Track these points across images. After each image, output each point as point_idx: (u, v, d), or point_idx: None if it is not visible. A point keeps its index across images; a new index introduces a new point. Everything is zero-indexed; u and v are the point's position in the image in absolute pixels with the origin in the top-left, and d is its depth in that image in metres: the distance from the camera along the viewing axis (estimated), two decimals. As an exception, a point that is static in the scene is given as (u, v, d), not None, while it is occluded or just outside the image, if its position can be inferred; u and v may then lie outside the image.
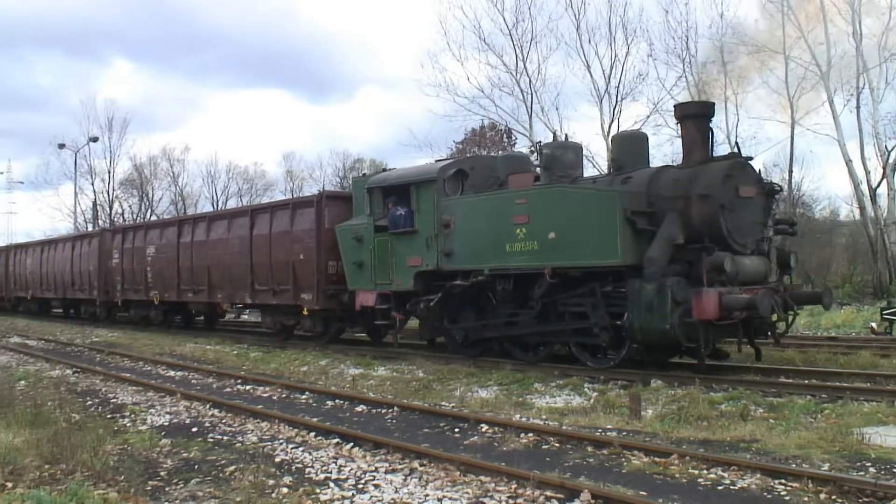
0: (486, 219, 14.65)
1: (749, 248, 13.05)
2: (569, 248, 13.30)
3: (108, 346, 21.75)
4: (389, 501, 6.76)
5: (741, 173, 13.04)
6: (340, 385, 13.85)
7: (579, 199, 13.38)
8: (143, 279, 27.17)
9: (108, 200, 60.50)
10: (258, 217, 21.83)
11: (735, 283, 12.39)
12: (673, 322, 11.87)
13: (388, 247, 16.44)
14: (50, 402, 11.40)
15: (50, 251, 35.78)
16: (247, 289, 21.65)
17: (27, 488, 7.14)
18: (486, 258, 14.58)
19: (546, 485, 6.87)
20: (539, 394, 12.21)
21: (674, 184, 13.04)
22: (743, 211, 12.81)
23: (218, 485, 7.45)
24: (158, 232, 27.08)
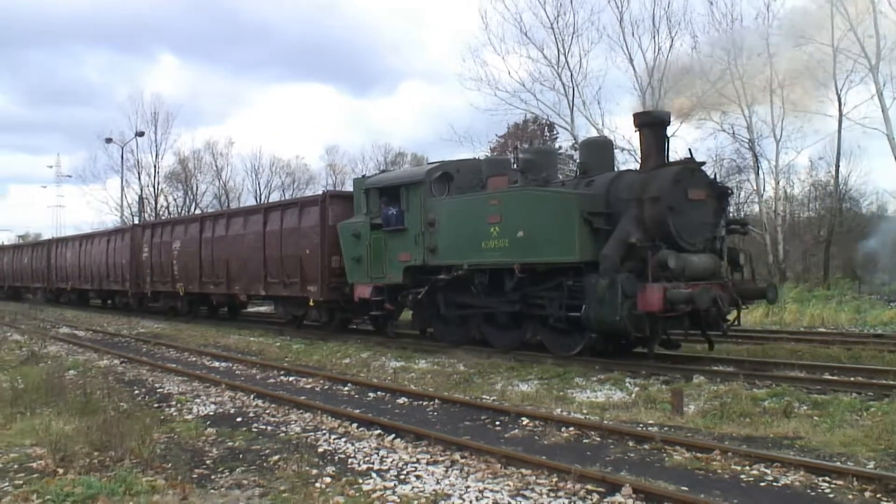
0: (465, 218, 15.80)
1: (698, 246, 13.86)
2: (535, 246, 14.34)
3: (154, 338, 22.10)
4: (431, 492, 6.82)
5: (691, 178, 13.86)
6: (382, 377, 13.95)
7: (543, 201, 14.41)
8: (169, 272, 28.52)
9: (154, 194, 61.34)
10: (270, 214, 23.09)
11: (682, 278, 13.21)
12: (622, 314, 12.86)
13: (382, 243, 17.73)
14: (99, 391, 11.61)
15: (87, 245, 37.50)
16: (261, 281, 22.88)
17: (78, 474, 7.33)
18: (465, 254, 15.76)
19: (587, 478, 6.90)
20: (580, 388, 12.19)
21: (630, 187, 13.92)
22: (692, 212, 13.70)
23: (262, 474, 7.58)
24: (183, 228, 28.46)
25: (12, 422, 9.89)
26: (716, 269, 14.23)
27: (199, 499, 6.75)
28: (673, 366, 13.42)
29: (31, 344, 19.86)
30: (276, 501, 6.62)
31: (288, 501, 6.56)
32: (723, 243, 14.55)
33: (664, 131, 14.62)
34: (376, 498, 6.73)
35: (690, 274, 13.46)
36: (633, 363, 13.69)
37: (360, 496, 6.78)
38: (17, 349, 19.28)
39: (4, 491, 6.92)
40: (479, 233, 15.26)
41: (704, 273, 13.82)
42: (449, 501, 6.59)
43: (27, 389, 11.67)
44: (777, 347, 15.31)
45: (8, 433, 9.36)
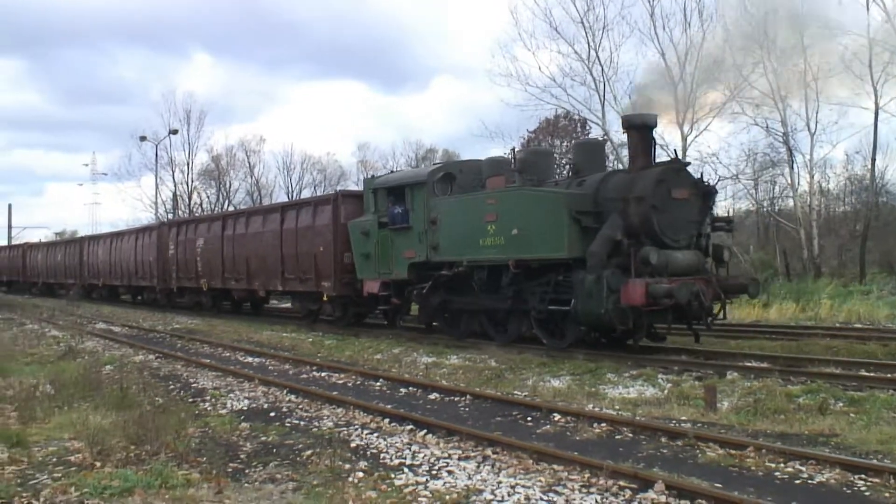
0: (464, 217, 16.55)
1: (682, 243, 14.39)
2: (527, 243, 15.01)
3: (188, 333, 22.32)
4: (463, 488, 6.84)
5: (675, 178, 14.41)
6: (413, 373, 14.00)
7: (535, 200, 15.08)
8: (193, 268, 29.74)
9: (188, 191, 61.92)
10: (287, 213, 24.14)
11: (665, 273, 13.72)
12: (607, 307, 13.52)
13: (389, 241, 18.64)
14: (134, 386, 11.77)
15: (118, 242, 38.77)
16: (278, 277, 23.89)
17: (115, 467, 7.44)
18: (464, 251, 16.51)
19: (619, 474, 6.88)
20: (612, 384, 12.15)
21: (617, 187, 14.52)
22: (675, 211, 14.22)
23: (295, 468, 7.64)
24: (206, 226, 29.66)
25: (51, 416, 10.04)
26: (700, 265, 14.69)
27: (234, 492, 6.82)
28: (706, 362, 13.36)
29: (68, 339, 20.16)
30: (309, 496, 6.67)
31: (321, 496, 6.60)
32: (708, 240, 15.07)
33: (651, 133, 15.26)
34: (408, 493, 6.76)
35: (674, 269, 13.95)
36: (665, 359, 13.64)
37: (393, 491, 6.82)
38: (55, 345, 19.60)
39: (44, 483, 7.04)
40: (477, 231, 16.00)
41: (688, 269, 14.31)
42: (481, 497, 6.60)
43: (65, 384, 11.85)
44: (812, 343, 15.14)
45: (47, 427, 9.51)
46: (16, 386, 12.17)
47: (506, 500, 6.51)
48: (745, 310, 23.03)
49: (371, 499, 6.54)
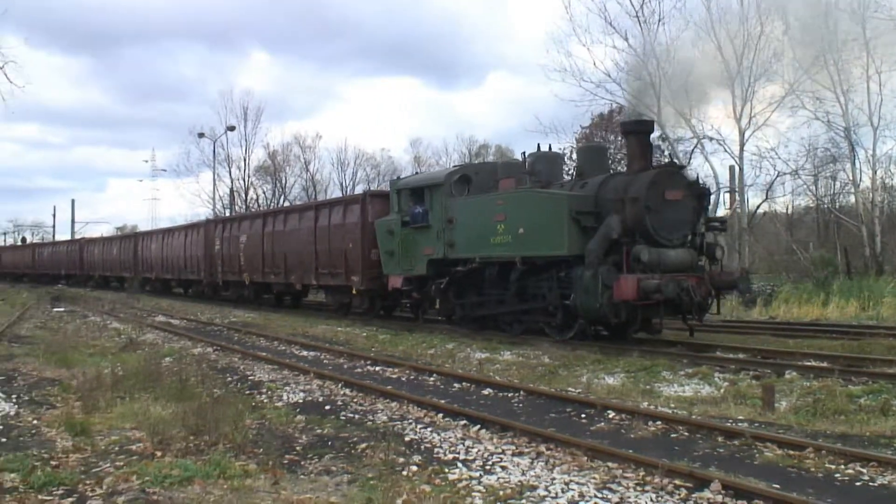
0: (477, 216, 17.66)
1: (676, 242, 15.19)
2: (532, 242, 16.11)
3: (245, 326, 22.65)
4: (516, 483, 6.85)
5: (669, 180, 15.26)
6: (467, 368, 14.03)
7: (539, 201, 16.19)
8: (237, 263, 31.46)
9: (244, 187, 62.72)
10: (321, 211, 25.75)
11: (657, 270, 14.56)
12: (602, 302, 14.55)
13: (410, 239, 19.80)
14: (193, 378, 11.95)
15: (168, 238, 40.71)
16: (313, 272, 25.38)
17: (175, 457, 7.59)
18: (476, 249, 17.62)
19: (675, 473, 6.83)
20: (667, 382, 12.05)
21: (614, 189, 15.40)
22: (669, 211, 15.05)
23: (350, 461, 7.72)
24: (249, 223, 31.48)
25: (113, 406, 10.26)
26: (693, 263, 15.47)
27: (290, 483, 6.91)
28: (764, 360, 13.18)
29: (129, 331, 20.59)
30: (364, 488, 6.73)
31: (376, 489, 6.65)
32: (702, 239, 15.92)
33: (647, 138, 16.20)
34: (462, 487, 6.79)
35: (666, 267, 14.78)
36: (722, 357, 13.49)
37: (446, 485, 6.85)
38: (116, 336, 20.04)
39: (106, 471, 7.21)
40: (488, 229, 17.09)
41: (680, 266, 15.08)
42: (535, 493, 6.60)
43: (126, 375, 12.11)
44: (874, 343, 14.83)
45: (110, 416, 9.73)
46: (79, 376, 12.47)
47: (560, 497, 6.50)
48: (805, 308, 22.67)
49: (425, 492, 6.57)
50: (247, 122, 61.63)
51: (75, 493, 6.57)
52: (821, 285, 25.98)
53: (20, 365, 14.36)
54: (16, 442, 8.50)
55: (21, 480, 6.88)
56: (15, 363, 14.64)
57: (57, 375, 13.17)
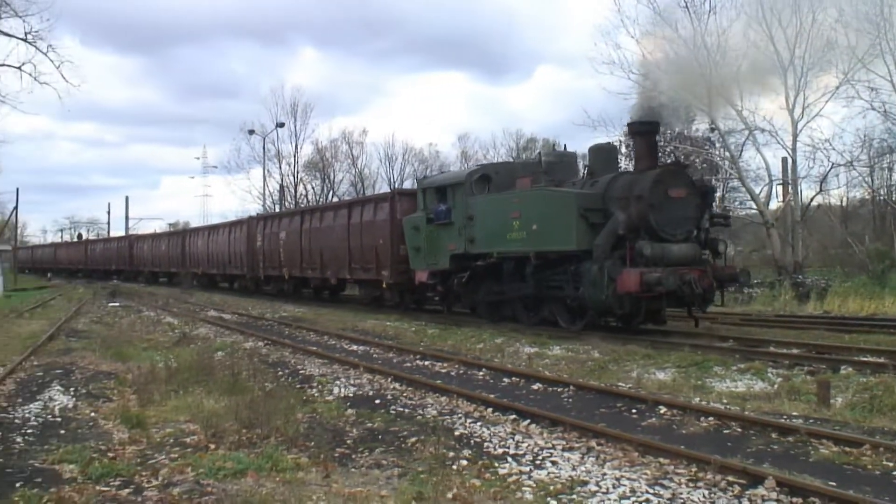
0: (495, 214, 18.63)
1: (679, 237, 15.95)
2: (545, 237, 17.03)
3: (295, 321, 22.85)
4: (567, 479, 6.83)
5: (672, 178, 16.06)
6: (516, 363, 13.99)
7: (550, 199, 17.15)
8: (277, 258, 33.11)
9: (294, 183, 63.25)
10: (353, 209, 27.04)
11: (660, 264, 15.28)
12: (608, 294, 15.49)
13: (435, 235, 20.90)
14: (245, 372, 12.11)
15: (214, 235, 42.76)
16: (346, 267, 26.80)
17: (228, 450, 7.70)
18: (494, 244, 18.63)
19: (728, 469, 6.75)
20: (719, 377, 11.90)
21: (621, 187, 16.22)
22: (672, 208, 15.80)
23: (401, 455, 7.76)
24: (288, 220, 32.94)
25: (167, 399, 10.45)
26: (696, 257, 16.23)
27: (341, 477, 6.97)
28: (818, 356, 12.96)
29: (182, 326, 20.91)
30: (414, 482, 6.76)
31: (426, 483, 6.68)
32: (707, 234, 16.69)
33: (654, 138, 17.09)
34: (512, 482, 6.79)
35: (669, 260, 15.51)
36: (775, 352, 13.30)
37: (496, 479, 6.86)
38: (170, 331, 20.36)
39: (161, 463, 7.34)
40: (505, 226, 18.07)
41: (684, 259, 15.83)
42: (585, 488, 6.57)
43: (180, 369, 12.31)
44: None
45: (164, 409, 9.90)
46: (135, 370, 12.71)
47: (611, 493, 6.47)
48: (860, 303, 22.21)
49: (475, 487, 6.59)
50: (296, 118, 62.19)
51: (132, 484, 6.69)
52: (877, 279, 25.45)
53: (77, 359, 14.67)
54: (74, 434, 8.69)
55: (80, 471, 7.04)
56: (73, 357, 14.96)
57: (113, 369, 13.43)
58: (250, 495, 6.09)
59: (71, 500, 6.22)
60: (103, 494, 6.39)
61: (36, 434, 8.70)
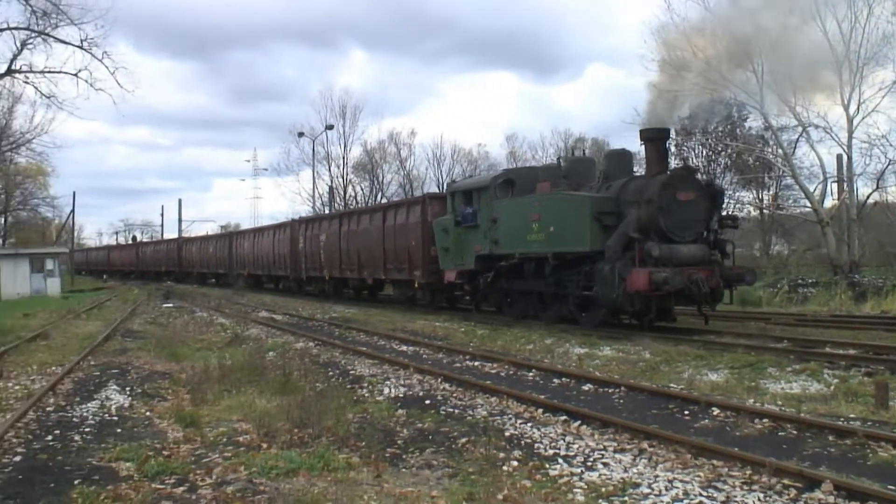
0: (516, 216, 19.75)
1: (688, 238, 16.75)
2: (561, 239, 18.06)
3: (345, 322, 22.99)
4: (619, 480, 6.77)
5: (681, 182, 16.97)
6: (566, 364, 13.90)
7: (566, 203, 18.18)
8: (318, 260, 34.63)
9: (343, 184, 63.69)
10: (388, 212, 28.46)
11: (669, 264, 16.01)
12: (618, 293, 16.36)
13: (462, 236, 22.21)
14: (296, 372, 12.21)
15: (259, 237, 44.51)
16: (381, 267, 28.23)
17: (280, 449, 7.78)
18: (516, 245, 19.74)
19: (783, 472, 6.64)
20: (773, 379, 11.71)
21: (633, 191, 17.06)
22: (681, 211, 16.62)
23: (451, 455, 7.76)
24: (328, 223, 34.59)
25: (220, 398, 10.59)
26: (705, 257, 16.92)
27: (392, 477, 7.00)
28: (876, 356, 12.69)
29: (234, 327, 21.16)
30: (465, 483, 6.76)
31: (476, 483, 6.68)
32: (716, 235, 17.47)
33: (664, 144, 17.95)
34: (563, 483, 6.75)
35: (678, 261, 16.24)
36: (831, 353, 13.06)
37: (547, 481, 6.83)
38: (222, 331, 20.63)
39: (215, 462, 7.44)
40: (526, 228, 19.14)
41: (692, 260, 16.59)
42: (637, 490, 6.51)
43: (233, 369, 12.45)
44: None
45: (217, 409, 10.03)
46: (188, 370, 12.90)
47: (663, 495, 6.40)
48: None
49: (526, 488, 6.57)
50: (345, 120, 62.67)
51: (186, 482, 6.79)
52: (937, 278, 24.85)
53: (133, 358, 14.94)
54: (130, 432, 8.85)
55: (136, 469, 7.17)
56: (128, 357, 15.24)
57: (167, 369, 13.65)
58: (302, 494, 6.14)
59: (127, 497, 6.33)
60: (159, 492, 6.49)
61: (93, 432, 8.88)
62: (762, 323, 17.69)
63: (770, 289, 26.63)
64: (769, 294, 25.73)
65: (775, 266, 36.51)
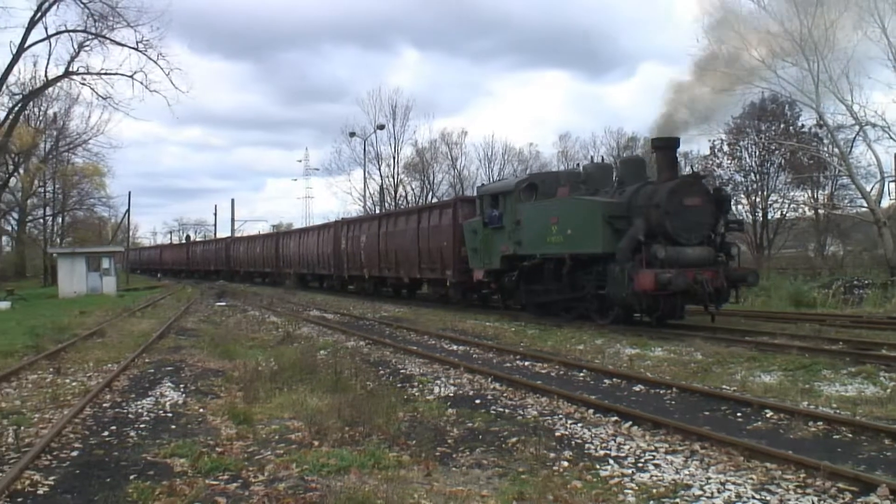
0: (537, 219, 20.85)
1: (694, 241, 17.84)
2: (577, 241, 19.15)
3: (395, 321, 23.10)
4: (670, 482, 6.73)
5: (688, 189, 17.94)
6: (617, 364, 13.82)
7: (581, 207, 19.31)
8: (359, 259, 36.11)
9: (393, 184, 64.01)
10: (423, 214, 30.02)
11: (676, 265, 17.10)
12: (627, 292, 17.53)
13: (489, 238, 23.32)
14: (347, 371, 12.32)
15: (304, 237, 46.34)
16: (416, 267, 29.70)
17: (331, 447, 7.86)
18: (537, 247, 20.85)
19: (838, 476, 6.53)
20: (828, 381, 11.52)
21: (643, 196, 18.05)
22: (688, 215, 17.70)
23: (501, 455, 7.77)
24: (368, 224, 35.98)
25: (272, 396, 10.71)
26: (710, 259, 17.95)
27: (442, 475, 7.03)
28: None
29: (286, 325, 21.38)
30: (515, 482, 6.77)
31: (527, 483, 6.68)
32: (723, 238, 18.55)
33: (674, 152, 19.29)
34: (614, 484, 6.72)
35: (684, 262, 17.35)
36: (887, 356, 12.80)
37: (598, 481, 6.81)
38: (274, 330, 20.85)
39: (267, 459, 7.54)
40: (546, 230, 20.24)
41: (697, 261, 17.66)
42: (689, 492, 6.46)
43: (284, 367, 12.60)
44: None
45: (269, 406, 10.16)
46: (240, 368, 13.07)
47: (716, 497, 6.34)
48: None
49: (576, 488, 6.55)
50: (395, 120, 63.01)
51: (239, 478, 6.90)
52: None
53: (186, 356, 15.19)
54: (184, 429, 9.00)
55: (190, 465, 7.29)
56: (182, 354, 15.50)
57: (220, 367, 13.85)
58: (353, 492, 6.20)
59: (182, 492, 6.45)
60: (212, 488, 6.60)
61: (148, 429, 9.05)
62: (816, 324, 17.37)
63: (824, 290, 26.17)
64: (823, 295, 25.28)
65: (830, 267, 35.85)
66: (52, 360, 14.52)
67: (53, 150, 57.36)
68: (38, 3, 34.23)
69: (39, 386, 12.02)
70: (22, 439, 8.45)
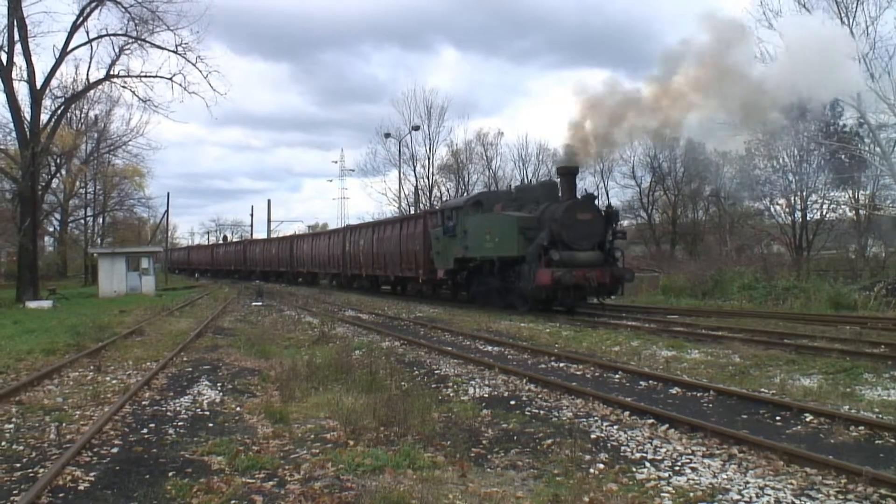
0: (479, 229, 26.66)
1: (586, 247, 23.46)
2: (503, 246, 25.02)
3: (430, 321, 23.10)
4: (707, 486, 6.66)
5: (581, 206, 23.80)
6: (653, 366, 13.70)
7: (504, 220, 25.13)
8: (359, 261, 42.53)
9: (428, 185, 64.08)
10: (403, 224, 36.57)
11: (570, 265, 22.74)
12: (532, 287, 23.36)
13: (447, 243, 29.14)
14: (382, 371, 12.35)
15: (316, 240, 52.98)
16: (398, 267, 36.03)
17: (366, 447, 7.88)
18: (478, 251, 26.76)
19: (881, 482, 6.42)
20: (870, 385, 11.32)
21: (549, 213, 23.79)
22: (580, 227, 23.38)
23: (536, 456, 7.74)
24: (366, 230, 42.15)
25: (308, 396, 10.78)
26: (599, 261, 23.60)
27: (477, 476, 7.03)
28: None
29: (321, 326, 21.48)
30: (550, 484, 6.74)
31: (562, 485, 6.65)
32: (611, 245, 24.26)
33: (574, 178, 24.65)
34: (650, 487, 6.67)
35: (577, 263, 22.97)
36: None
37: (634, 484, 6.76)
38: (309, 330, 20.96)
39: (303, 458, 7.58)
40: (483, 238, 26.21)
41: (587, 263, 23.27)
42: (727, 496, 6.39)
43: (320, 367, 12.66)
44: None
45: (305, 405, 10.22)
46: (277, 367, 13.16)
47: (754, 502, 6.27)
48: None
49: (612, 491, 6.51)
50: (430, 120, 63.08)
51: (275, 476, 6.94)
52: None
53: (223, 355, 15.31)
54: (221, 427, 9.07)
55: (227, 463, 7.36)
56: (219, 353, 15.62)
57: (256, 366, 13.95)
58: (388, 491, 6.21)
59: (219, 490, 6.50)
60: (249, 486, 6.65)
61: (186, 426, 9.14)
62: (857, 327, 17.11)
63: (866, 292, 25.76)
64: (865, 297, 24.88)
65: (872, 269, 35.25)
66: (93, 359, 14.72)
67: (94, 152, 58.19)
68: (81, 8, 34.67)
69: (80, 383, 12.19)
70: (63, 436, 8.58)
